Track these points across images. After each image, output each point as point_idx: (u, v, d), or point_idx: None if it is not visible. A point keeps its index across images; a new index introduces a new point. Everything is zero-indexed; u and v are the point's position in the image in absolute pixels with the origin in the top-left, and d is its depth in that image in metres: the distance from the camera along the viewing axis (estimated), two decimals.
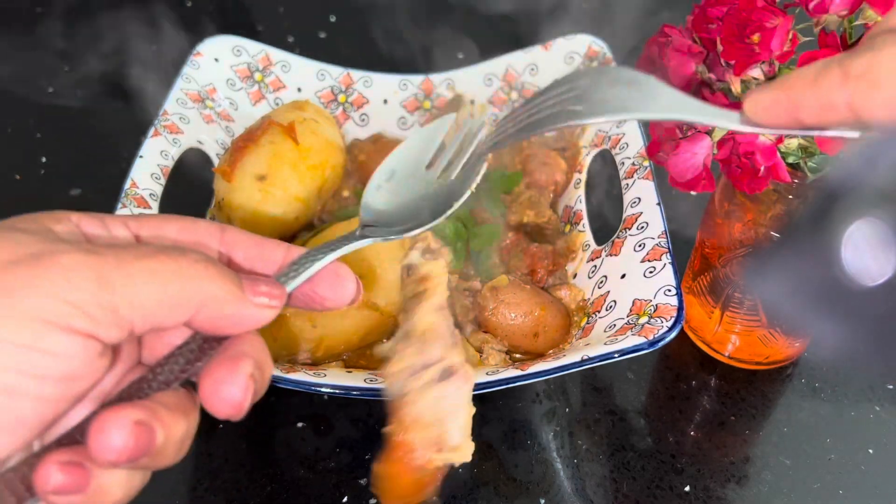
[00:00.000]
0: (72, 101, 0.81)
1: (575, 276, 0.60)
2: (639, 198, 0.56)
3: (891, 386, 0.60)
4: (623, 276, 0.53)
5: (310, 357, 0.55)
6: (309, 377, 0.48)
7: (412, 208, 0.41)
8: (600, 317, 0.53)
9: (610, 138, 0.62)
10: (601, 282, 0.56)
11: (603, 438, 0.57)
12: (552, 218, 0.63)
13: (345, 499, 0.53)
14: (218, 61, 0.68)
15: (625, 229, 0.56)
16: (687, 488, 0.54)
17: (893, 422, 0.58)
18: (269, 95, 0.71)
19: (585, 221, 0.61)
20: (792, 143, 0.47)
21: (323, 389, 0.47)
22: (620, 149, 0.60)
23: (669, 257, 0.51)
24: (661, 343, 0.46)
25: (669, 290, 0.49)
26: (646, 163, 0.57)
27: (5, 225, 0.30)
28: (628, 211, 0.56)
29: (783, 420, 0.58)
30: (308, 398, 0.56)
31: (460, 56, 0.86)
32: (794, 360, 0.61)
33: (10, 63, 0.85)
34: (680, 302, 0.48)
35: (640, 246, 0.53)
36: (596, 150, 0.63)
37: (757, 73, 0.48)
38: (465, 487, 0.51)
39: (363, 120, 0.73)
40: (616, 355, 0.46)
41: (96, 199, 0.66)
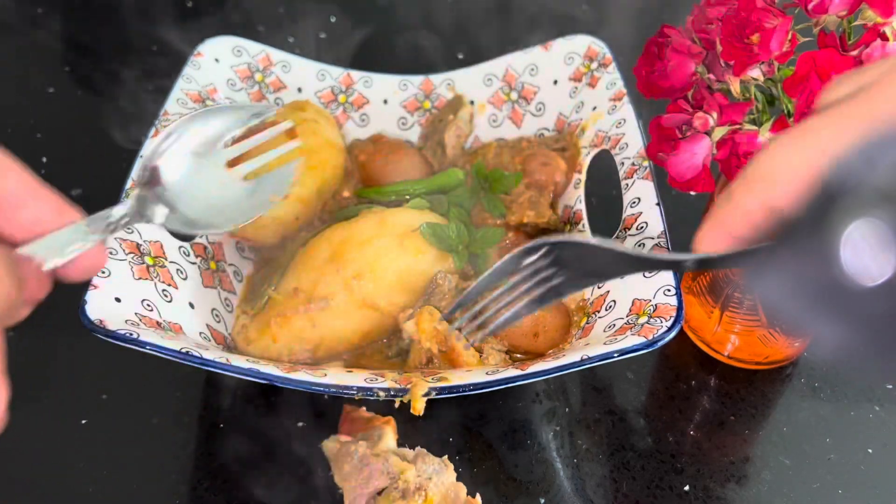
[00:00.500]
0: (72, 102, 0.81)
1: None
2: (638, 198, 0.56)
3: (890, 386, 0.60)
4: (623, 277, 0.53)
5: (310, 357, 0.55)
6: (309, 377, 0.48)
7: (215, 206, 0.42)
8: (600, 317, 0.53)
9: (610, 138, 0.62)
10: None
11: (603, 438, 0.57)
12: (552, 218, 0.63)
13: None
14: (218, 61, 0.68)
15: (624, 229, 0.56)
16: (686, 488, 0.54)
17: (893, 422, 0.58)
18: (270, 96, 0.71)
19: (585, 221, 0.61)
20: None
21: (323, 389, 0.48)
22: (620, 149, 0.60)
23: None
24: (661, 343, 0.46)
25: (669, 290, 0.49)
26: (645, 163, 0.57)
27: None
28: (628, 211, 0.56)
29: (783, 420, 0.58)
30: (308, 398, 0.56)
31: (460, 56, 0.86)
32: (794, 360, 0.61)
33: (11, 63, 0.85)
34: (679, 302, 0.48)
35: (640, 246, 0.53)
36: (596, 151, 0.63)
37: (756, 74, 0.48)
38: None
39: (363, 120, 0.73)
40: (616, 355, 0.46)
41: (96, 199, 0.66)
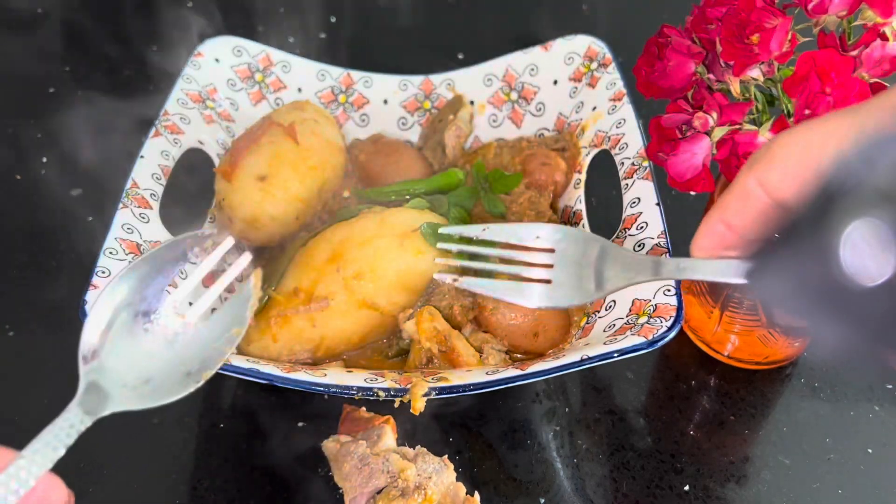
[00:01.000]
0: (72, 101, 0.81)
1: None
2: (638, 198, 0.56)
3: (890, 386, 0.60)
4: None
5: (310, 357, 0.55)
6: (309, 377, 0.48)
7: (165, 363, 0.38)
8: (600, 316, 0.53)
9: (610, 138, 0.62)
10: None
11: (603, 438, 0.57)
12: (552, 218, 0.63)
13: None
14: (218, 62, 0.68)
15: (624, 229, 0.56)
16: (686, 488, 0.54)
17: (893, 422, 0.58)
18: (270, 96, 0.71)
19: (585, 221, 0.62)
20: None
21: (323, 389, 0.48)
22: (620, 149, 0.60)
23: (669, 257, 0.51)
24: (661, 343, 0.46)
25: (669, 290, 0.49)
26: (645, 163, 0.57)
27: None
28: (628, 211, 0.56)
29: (782, 420, 0.58)
30: (308, 398, 0.56)
31: (460, 56, 0.86)
32: (794, 360, 0.61)
33: (11, 63, 0.85)
34: (679, 302, 0.48)
35: (640, 246, 0.53)
36: (596, 151, 0.63)
37: (756, 74, 0.48)
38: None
39: (363, 120, 0.73)
40: (615, 355, 0.46)
41: (96, 199, 0.66)
